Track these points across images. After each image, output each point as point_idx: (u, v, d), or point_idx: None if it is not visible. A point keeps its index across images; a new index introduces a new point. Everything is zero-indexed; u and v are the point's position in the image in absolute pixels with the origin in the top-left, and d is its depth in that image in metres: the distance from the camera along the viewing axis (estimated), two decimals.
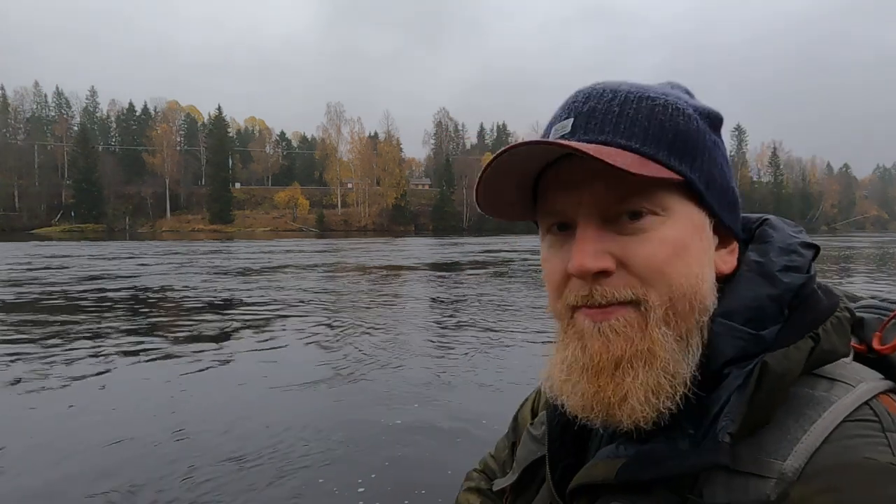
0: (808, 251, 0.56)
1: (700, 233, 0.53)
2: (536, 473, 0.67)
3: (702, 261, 0.52)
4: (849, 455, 0.44)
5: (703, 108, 0.56)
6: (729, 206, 0.56)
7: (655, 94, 0.54)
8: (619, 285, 0.51)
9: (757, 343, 0.50)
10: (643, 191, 0.51)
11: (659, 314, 0.51)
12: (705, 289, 0.52)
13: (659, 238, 0.51)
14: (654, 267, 0.51)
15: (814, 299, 0.53)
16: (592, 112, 0.53)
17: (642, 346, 0.51)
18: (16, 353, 5.88)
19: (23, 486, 2.97)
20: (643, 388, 0.50)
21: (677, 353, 0.51)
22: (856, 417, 0.47)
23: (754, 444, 0.47)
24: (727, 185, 0.56)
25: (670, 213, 0.52)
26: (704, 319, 0.52)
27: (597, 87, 0.55)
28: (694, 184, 0.52)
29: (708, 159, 0.54)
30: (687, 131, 0.52)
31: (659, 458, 0.49)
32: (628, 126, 0.51)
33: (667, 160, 0.51)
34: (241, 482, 3.01)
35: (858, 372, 0.51)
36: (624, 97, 0.53)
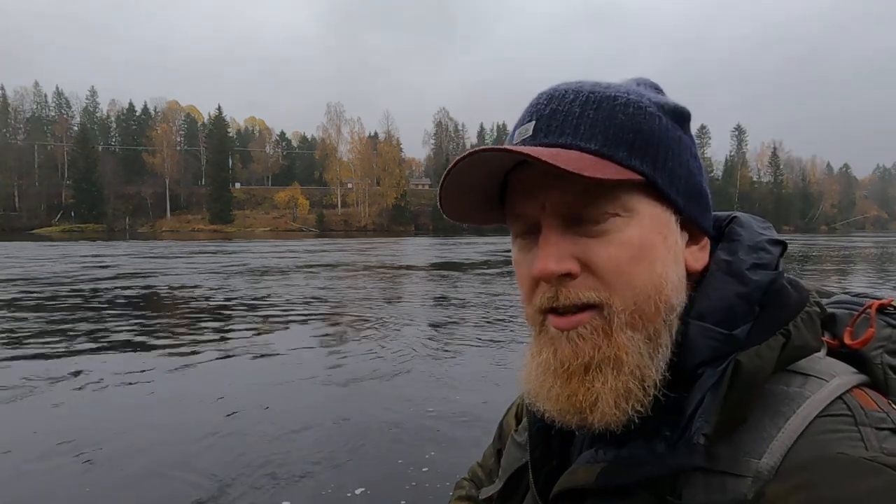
0: (775, 248, 0.56)
1: (665, 231, 0.53)
2: (521, 480, 0.66)
3: (666, 260, 0.53)
4: (822, 451, 0.44)
5: (667, 104, 0.55)
6: (696, 202, 0.56)
7: (617, 93, 0.53)
8: (584, 288, 0.52)
9: (730, 342, 0.50)
10: (604, 192, 0.51)
11: (623, 318, 0.51)
12: (670, 288, 0.52)
13: (621, 240, 0.51)
14: (617, 269, 0.51)
15: (783, 295, 0.53)
16: (553, 114, 0.53)
17: (609, 352, 0.51)
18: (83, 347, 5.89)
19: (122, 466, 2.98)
20: (613, 393, 0.51)
21: (645, 356, 0.51)
22: (829, 412, 0.47)
23: (731, 443, 0.47)
24: (694, 182, 0.55)
25: (633, 214, 0.52)
26: (672, 318, 0.52)
27: (559, 89, 0.55)
28: (656, 182, 0.52)
29: (672, 156, 0.53)
30: (648, 130, 0.52)
31: (637, 462, 0.50)
32: (588, 127, 0.51)
33: (626, 160, 0.51)
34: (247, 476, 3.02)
35: (832, 366, 0.52)
36: (585, 98, 0.53)
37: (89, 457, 3.33)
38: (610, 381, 0.51)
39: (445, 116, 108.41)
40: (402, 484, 3.02)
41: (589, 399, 0.51)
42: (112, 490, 2.95)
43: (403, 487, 2.98)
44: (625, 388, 0.51)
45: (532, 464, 0.63)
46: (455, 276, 14.81)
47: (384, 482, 3.04)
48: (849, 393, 0.49)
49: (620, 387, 0.51)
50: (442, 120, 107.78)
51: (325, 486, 3.01)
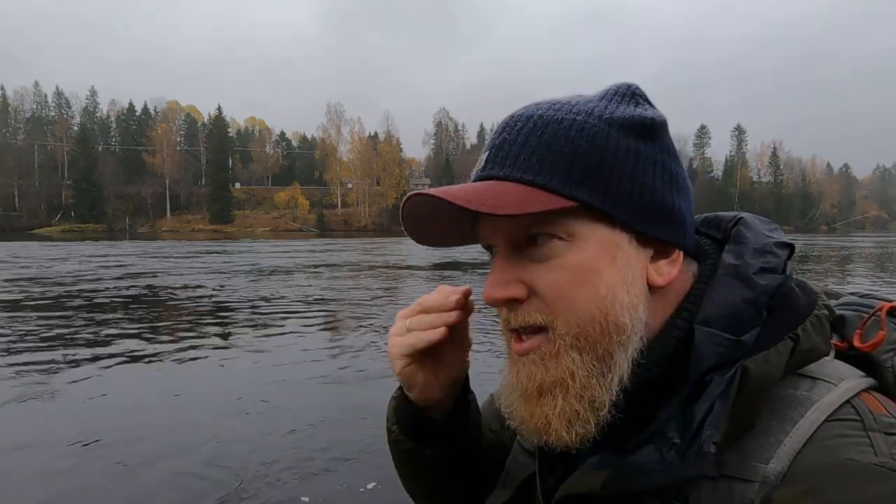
0: (782, 251, 0.56)
1: (613, 252, 0.53)
2: (531, 489, 0.66)
3: (614, 281, 0.52)
4: (831, 456, 0.44)
5: (623, 118, 0.54)
6: (658, 217, 0.54)
7: (563, 117, 0.53)
8: (530, 311, 0.53)
9: (737, 348, 0.50)
10: (545, 219, 0.51)
11: (567, 341, 0.52)
12: (619, 309, 0.52)
13: (562, 264, 0.52)
14: (558, 294, 0.52)
15: (791, 299, 0.53)
16: (502, 145, 0.55)
17: (556, 375, 0.52)
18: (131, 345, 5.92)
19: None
20: (562, 416, 0.52)
21: (594, 377, 0.52)
22: (838, 417, 0.46)
23: (738, 448, 0.47)
24: (652, 197, 0.54)
25: (575, 238, 0.52)
26: (625, 338, 0.52)
27: (515, 115, 0.56)
28: (594, 206, 0.52)
29: (620, 175, 0.52)
30: (588, 153, 0.52)
31: (644, 470, 0.50)
32: (527, 157, 0.52)
33: (560, 188, 0.51)
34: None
35: (840, 370, 0.52)
36: (532, 126, 0.54)
37: (112, 456, 3.36)
38: (559, 405, 0.52)
39: (445, 116, 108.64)
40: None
41: (542, 421, 0.53)
42: (135, 489, 2.98)
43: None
44: (572, 411, 0.51)
45: (539, 470, 0.63)
46: (456, 275, 14.85)
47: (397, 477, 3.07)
48: (857, 397, 0.48)
49: (569, 409, 0.52)
50: (442, 120, 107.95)
51: (340, 482, 3.05)
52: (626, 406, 0.53)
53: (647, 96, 0.58)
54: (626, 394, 0.53)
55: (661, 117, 0.56)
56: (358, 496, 2.91)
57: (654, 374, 0.53)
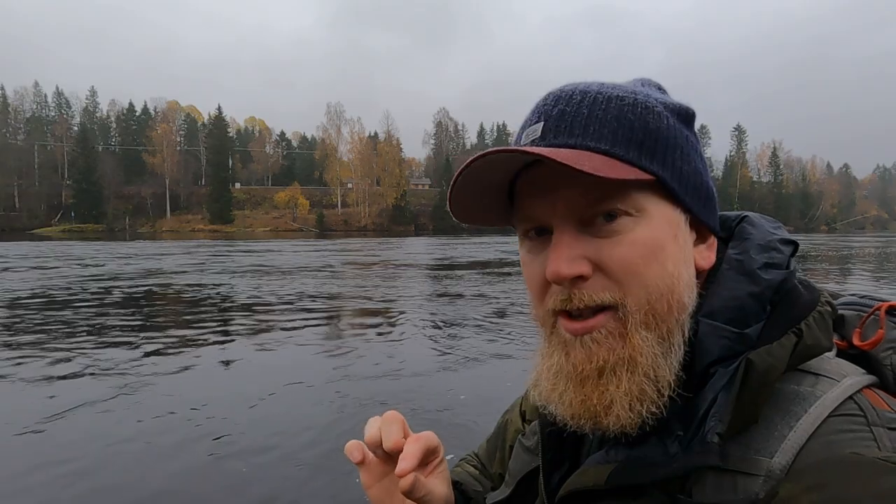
0: (787, 247, 0.56)
1: (675, 231, 0.53)
2: (531, 485, 0.66)
3: (678, 259, 0.52)
4: (835, 450, 0.44)
5: (673, 104, 0.55)
6: (704, 201, 0.56)
7: (625, 94, 0.53)
8: (597, 289, 0.52)
9: (741, 341, 0.50)
10: (615, 192, 0.51)
11: (638, 318, 0.51)
12: (682, 287, 0.52)
13: (633, 239, 0.51)
14: (630, 269, 0.51)
15: (795, 295, 0.53)
16: (562, 115, 0.53)
17: (624, 354, 0.51)
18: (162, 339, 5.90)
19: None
20: (627, 396, 0.51)
21: (659, 356, 0.51)
22: (841, 412, 0.47)
23: (742, 442, 0.48)
24: (701, 181, 0.55)
25: (644, 214, 0.52)
26: (684, 317, 0.52)
27: (566, 89, 0.55)
28: (666, 182, 0.52)
29: (680, 156, 0.53)
30: (657, 129, 0.52)
31: (649, 462, 0.50)
32: (598, 128, 0.51)
33: (637, 160, 0.51)
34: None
35: (842, 367, 0.52)
36: (593, 98, 0.53)
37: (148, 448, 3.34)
38: (624, 384, 0.51)
39: (445, 116, 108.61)
40: None
41: (603, 403, 0.51)
42: (168, 478, 2.96)
43: None
44: (639, 390, 0.51)
45: (543, 467, 0.63)
46: (457, 275, 14.83)
47: None
48: (860, 393, 0.49)
49: (635, 389, 0.51)
50: (442, 120, 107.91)
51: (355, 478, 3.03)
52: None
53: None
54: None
55: (693, 110, 0.57)
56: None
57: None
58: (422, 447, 0.63)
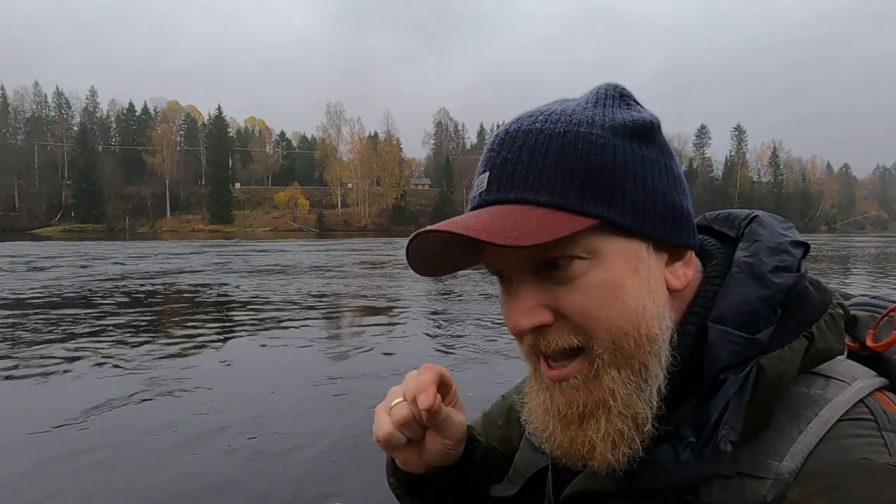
0: (797, 249, 0.55)
1: (635, 263, 0.52)
2: (539, 484, 0.66)
3: (640, 293, 0.51)
4: (846, 455, 0.44)
5: (626, 124, 0.53)
6: (670, 222, 0.53)
7: (567, 128, 0.51)
8: (562, 334, 0.52)
9: (752, 347, 0.50)
10: (565, 240, 0.49)
11: (605, 360, 0.51)
12: (649, 320, 0.51)
13: (588, 283, 0.50)
14: (589, 315, 0.50)
15: (805, 297, 0.52)
16: (504, 164, 0.52)
17: (598, 397, 0.51)
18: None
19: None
20: (608, 438, 0.51)
21: (633, 394, 0.51)
22: (851, 416, 0.46)
23: (751, 444, 0.47)
24: (664, 202, 0.53)
25: (596, 255, 0.51)
26: (657, 347, 0.52)
27: (510, 131, 0.54)
28: (613, 221, 0.50)
29: (633, 185, 0.51)
30: (600, 166, 0.50)
31: (659, 468, 0.49)
32: (537, 177, 0.50)
33: (579, 206, 0.49)
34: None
35: (853, 369, 0.51)
36: (534, 141, 0.52)
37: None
38: (603, 427, 0.51)
39: (445, 116, 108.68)
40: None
41: (586, 446, 0.51)
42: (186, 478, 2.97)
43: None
44: (617, 431, 0.51)
45: (553, 467, 0.62)
46: (455, 275, 14.83)
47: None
48: (870, 396, 0.48)
49: (612, 430, 0.51)
50: (442, 120, 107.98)
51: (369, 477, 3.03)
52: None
53: (633, 96, 0.57)
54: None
55: (655, 118, 0.55)
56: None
57: (672, 374, 0.53)
58: (436, 374, 0.63)
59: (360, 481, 3.01)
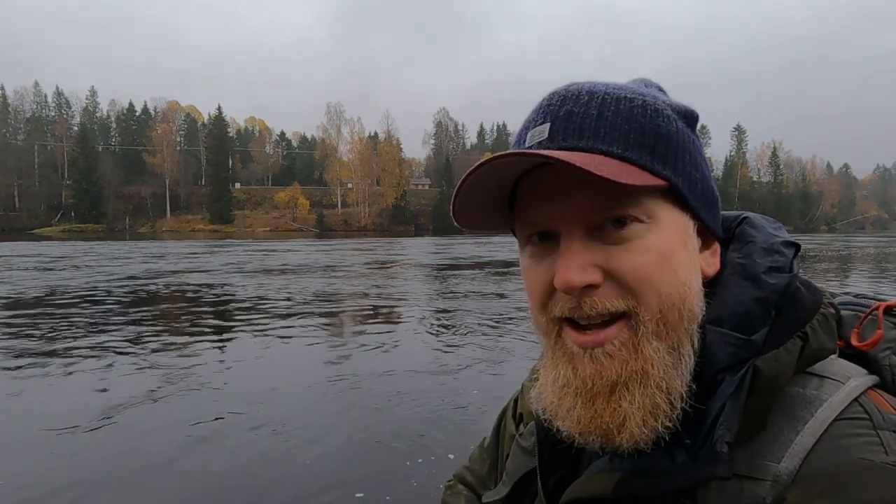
0: (789, 250, 0.55)
1: (685, 238, 0.52)
2: (529, 486, 0.65)
3: (688, 267, 0.51)
4: (844, 456, 0.44)
5: (679, 107, 0.54)
6: (710, 207, 0.54)
7: (633, 95, 0.51)
8: (609, 297, 0.50)
9: (748, 348, 0.50)
10: (627, 199, 0.49)
11: (650, 328, 0.49)
12: (693, 295, 0.51)
13: (644, 246, 0.50)
14: (643, 277, 0.49)
15: (798, 298, 0.53)
16: (570, 116, 0.51)
17: (636, 367, 0.49)
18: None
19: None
20: (641, 411, 0.49)
21: (670, 367, 0.50)
22: (847, 416, 0.47)
23: (748, 446, 0.47)
24: (707, 186, 0.54)
25: (655, 220, 0.50)
26: (693, 327, 0.51)
27: (572, 89, 0.53)
28: (678, 188, 0.50)
29: (690, 161, 0.52)
30: (668, 133, 0.50)
31: (657, 473, 0.49)
32: (609, 130, 0.49)
33: (650, 165, 0.49)
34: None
35: (846, 368, 0.52)
36: (601, 99, 0.51)
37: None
38: (637, 399, 0.49)
39: (445, 116, 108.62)
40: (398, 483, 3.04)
41: (616, 420, 0.49)
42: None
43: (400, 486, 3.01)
44: (652, 404, 0.49)
45: (541, 470, 0.61)
46: (455, 275, 14.86)
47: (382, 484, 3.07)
48: (864, 395, 0.49)
49: (648, 403, 0.49)
50: (442, 120, 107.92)
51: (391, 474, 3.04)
52: None
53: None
54: None
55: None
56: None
57: None
58: None
59: (375, 474, 3.05)
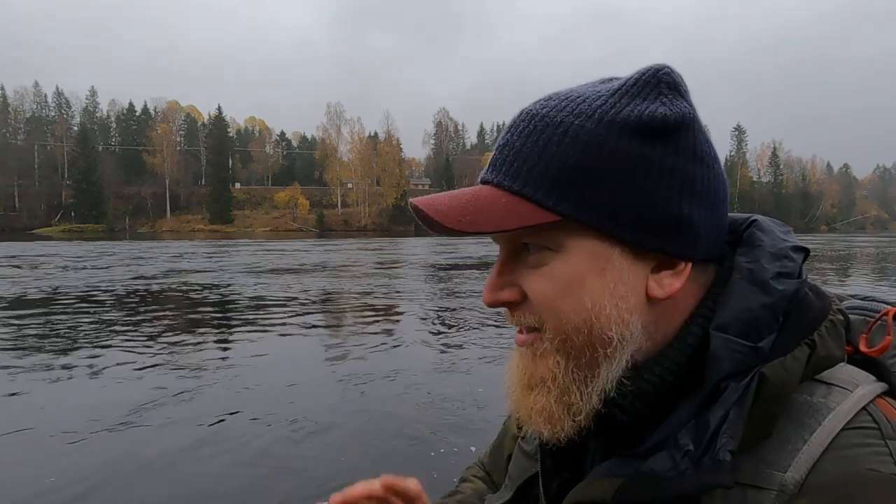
0: (798, 255, 0.55)
1: (602, 265, 0.51)
2: (531, 491, 0.66)
3: (599, 295, 0.51)
4: (851, 466, 0.44)
5: (628, 118, 0.50)
6: (657, 229, 0.51)
7: (562, 120, 0.51)
8: (525, 313, 0.55)
9: (754, 355, 0.49)
10: (534, 229, 0.51)
11: (555, 345, 0.53)
12: (604, 322, 0.51)
13: (551, 273, 0.52)
14: (545, 302, 0.53)
15: (806, 304, 0.52)
16: (503, 147, 0.54)
17: (541, 373, 0.54)
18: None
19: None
20: (541, 412, 0.54)
21: (573, 385, 0.52)
22: (855, 425, 0.46)
23: (753, 454, 0.47)
24: (651, 207, 0.50)
25: (563, 249, 0.52)
26: (611, 352, 0.52)
27: (521, 114, 0.55)
28: (577, 220, 0.50)
29: (613, 184, 0.50)
30: (577, 163, 0.50)
31: (658, 479, 0.49)
32: (519, 165, 0.52)
33: (544, 201, 0.50)
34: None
35: (853, 375, 0.51)
36: (531, 129, 0.52)
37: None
38: (541, 401, 0.54)
39: (445, 116, 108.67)
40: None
41: (526, 411, 0.56)
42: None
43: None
44: (549, 410, 0.53)
45: (543, 474, 0.63)
46: (456, 274, 14.86)
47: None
48: (873, 403, 0.48)
49: (546, 408, 0.53)
50: (442, 120, 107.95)
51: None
52: (640, 413, 0.53)
53: (676, 84, 0.53)
54: (642, 401, 0.53)
55: (677, 114, 0.51)
56: None
57: (667, 382, 0.52)
58: (368, 487, 0.67)
59: (382, 470, 3.04)
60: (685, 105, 0.52)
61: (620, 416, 0.53)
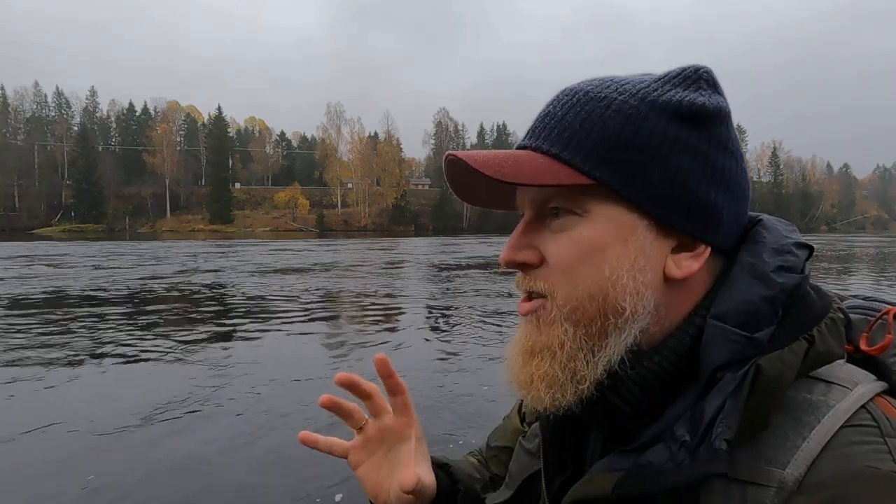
0: (802, 251, 0.55)
1: (626, 235, 0.52)
2: (532, 488, 0.66)
3: (619, 264, 0.52)
4: (850, 464, 0.44)
5: (670, 102, 0.52)
6: (683, 209, 0.53)
7: (606, 95, 0.53)
8: (537, 278, 0.55)
9: (751, 346, 0.49)
10: (563, 191, 0.53)
11: (564, 311, 0.53)
12: (619, 292, 0.52)
13: (572, 237, 0.53)
14: (562, 266, 0.53)
15: (807, 300, 0.52)
16: (544, 117, 0.56)
17: (546, 341, 0.54)
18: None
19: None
20: (544, 379, 0.54)
21: (579, 351, 0.53)
22: (854, 423, 0.46)
23: (753, 451, 0.47)
24: (682, 188, 0.52)
25: (588, 214, 0.53)
26: (622, 322, 0.52)
27: (565, 90, 0.57)
28: (611, 187, 0.52)
29: (649, 160, 0.51)
30: (617, 134, 0.51)
31: (656, 471, 0.49)
32: (559, 132, 0.53)
33: (581, 165, 0.52)
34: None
35: (853, 374, 0.51)
36: (574, 101, 0.54)
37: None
38: (544, 367, 0.54)
39: (445, 116, 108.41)
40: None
41: (526, 378, 0.56)
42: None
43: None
44: (553, 376, 0.54)
45: (545, 472, 0.63)
46: (456, 274, 14.86)
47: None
48: (872, 402, 0.48)
49: (550, 374, 0.54)
50: (442, 120, 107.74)
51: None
52: (640, 401, 0.53)
53: (715, 82, 0.56)
54: (640, 388, 0.53)
55: (715, 106, 0.53)
56: None
57: (667, 371, 0.53)
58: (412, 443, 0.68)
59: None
60: (722, 100, 0.55)
61: (620, 404, 0.54)
